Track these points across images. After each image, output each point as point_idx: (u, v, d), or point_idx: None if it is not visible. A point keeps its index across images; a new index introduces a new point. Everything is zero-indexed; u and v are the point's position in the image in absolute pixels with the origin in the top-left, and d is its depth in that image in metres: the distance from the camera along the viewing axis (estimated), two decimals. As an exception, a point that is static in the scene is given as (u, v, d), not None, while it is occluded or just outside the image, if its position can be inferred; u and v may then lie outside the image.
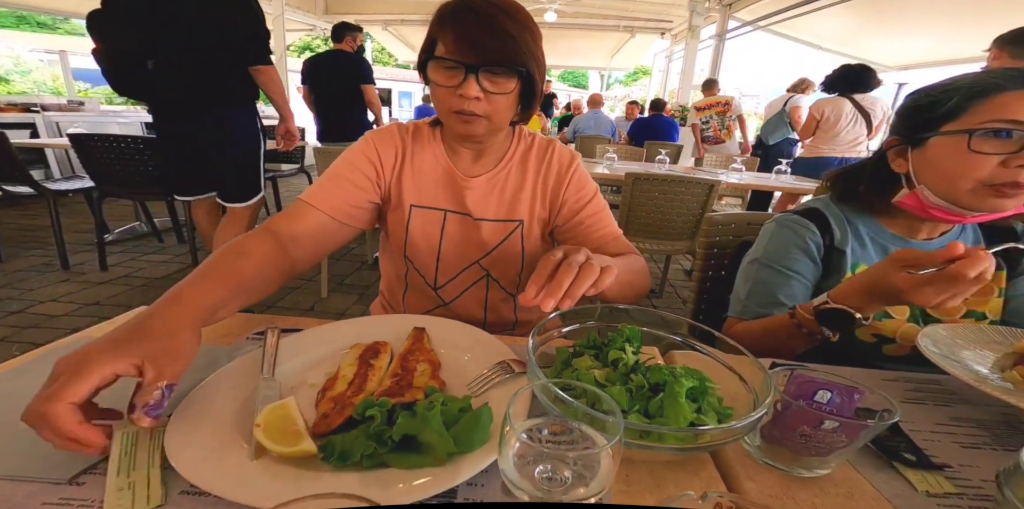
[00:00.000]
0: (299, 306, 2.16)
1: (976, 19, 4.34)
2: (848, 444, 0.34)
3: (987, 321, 0.62)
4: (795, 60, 9.04)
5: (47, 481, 0.31)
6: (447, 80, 0.60)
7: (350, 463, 0.33)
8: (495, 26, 0.58)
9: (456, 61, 0.58)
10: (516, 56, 0.59)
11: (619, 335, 0.45)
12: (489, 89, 0.60)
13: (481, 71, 0.58)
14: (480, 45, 0.58)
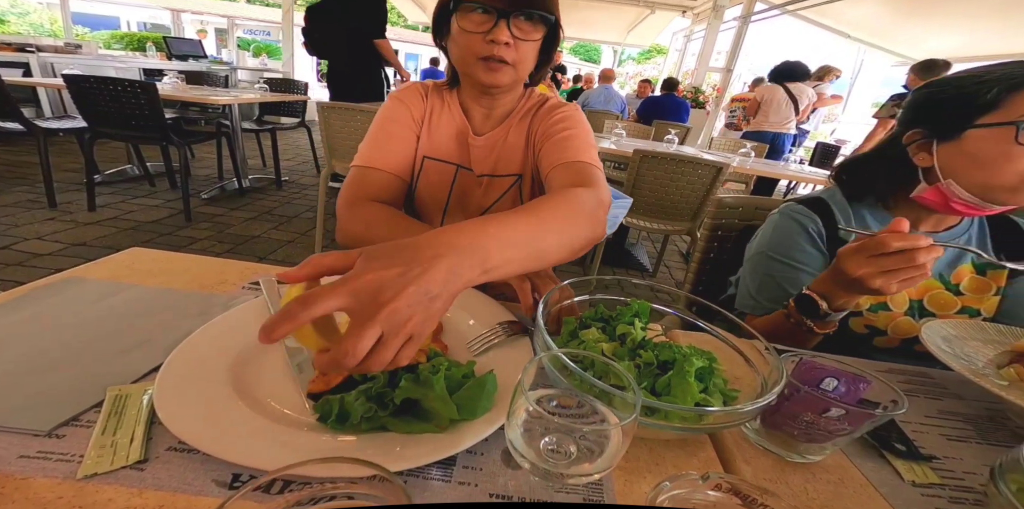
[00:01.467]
0: (292, 260, 2.13)
1: (1011, 16, 4.16)
2: (850, 432, 0.34)
3: (981, 318, 0.62)
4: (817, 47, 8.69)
5: (25, 432, 0.29)
6: (477, 26, 0.59)
7: (348, 425, 0.32)
8: None
9: (490, 6, 0.58)
10: (546, 3, 0.60)
11: (628, 309, 0.44)
12: (518, 35, 0.60)
13: (512, 16, 0.58)
14: None
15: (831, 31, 6.30)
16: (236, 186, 3.00)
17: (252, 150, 3.90)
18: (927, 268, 0.45)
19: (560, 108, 0.71)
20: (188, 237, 2.23)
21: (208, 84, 3.60)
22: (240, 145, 2.96)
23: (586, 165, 0.61)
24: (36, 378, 0.34)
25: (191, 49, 6.00)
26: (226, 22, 12.02)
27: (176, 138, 2.38)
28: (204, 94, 2.72)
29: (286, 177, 3.46)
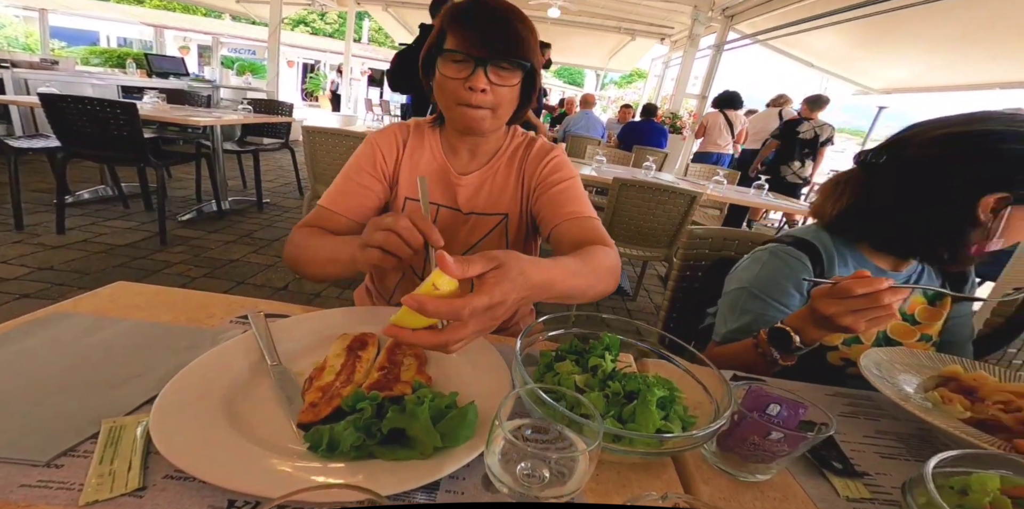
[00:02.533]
0: (272, 284, 2.12)
1: (959, 50, 4.58)
2: (789, 453, 0.39)
3: (932, 343, 0.68)
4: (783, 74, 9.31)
5: (23, 462, 0.31)
6: (456, 73, 0.64)
7: (337, 453, 0.35)
8: (504, 24, 0.64)
9: (467, 54, 0.62)
10: (522, 52, 0.64)
11: (599, 343, 0.48)
12: (496, 82, 0.64)
13: (489, 64, 0.62)
14: (490, 40, 0.62)
15: (797, 60, 6.78)
16: (215, 208, 2.98)
17: (232, 170, 3.89)
18: (892, 308, 0.49)
19: (550, 154, 0.76)
20: (163, 261, 2.20)
21: (190, 103, 3.62)
22: (221, 166, 2.96)
23: (593, 221, 0.70)
24: (31, 410, 0.36)
25: (173, 66, 6.02)
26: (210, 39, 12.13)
27: (155, 160, 2.37)
28: (185, 114, 2.73)
29: (268, 199, 3.46)
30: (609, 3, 6.63)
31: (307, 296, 2.04)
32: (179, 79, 5.81)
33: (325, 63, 14.97)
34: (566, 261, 0.50)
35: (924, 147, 0.62)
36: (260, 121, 3.06)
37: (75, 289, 1.84)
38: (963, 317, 0.73)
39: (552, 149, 0.78)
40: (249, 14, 8.67)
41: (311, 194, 2.14)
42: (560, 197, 0.73)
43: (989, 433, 0.44)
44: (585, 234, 0.67)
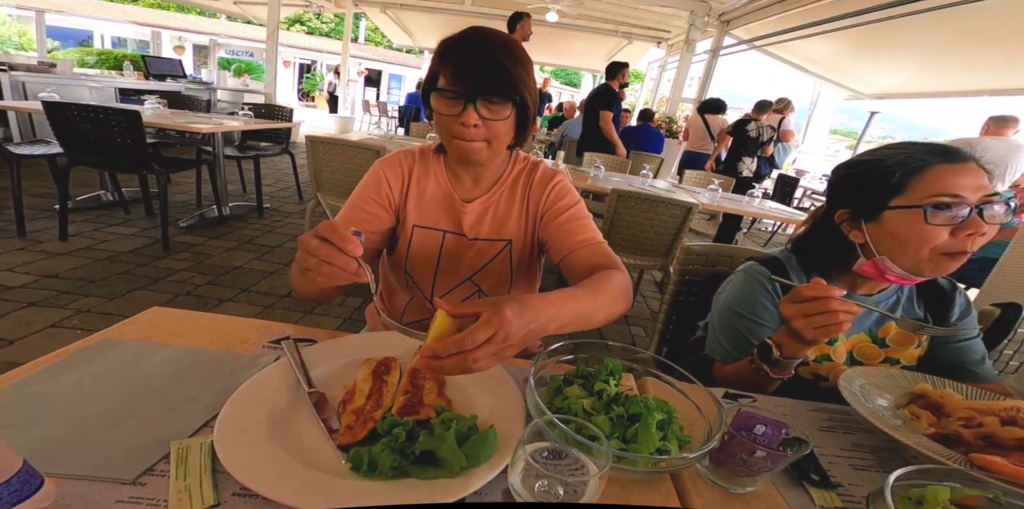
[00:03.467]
0: (275, 292, 2.16)
1: (947, 59, 4.73)
2: (772, 468, 0.44)
3: (900, 366, 0.74)
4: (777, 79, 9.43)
5: (113, 480, 0.36)
6: (449, 109, 0.67)
7: (377, 473, 0.40)
8: (491, 59, 0.65)
9: (456, 92, 0.65)
10: (510, 86, 0.66)
11: (604, 368, 0.54)
12: (487, 116, 0.66)
13: (479, 100, 0.65)
14: (477, 77, 0.64)
15: (791, 65, 6.89)
16: (216, 214, 3.02)
17: (231, 174, 3.92)
18: (839, 317, 0.54)
19: (553, 179, 0.80)
20: (166, 268, 2.23)
21: (189, 108, 3.64)
22: (222, 172, 2.99)
23: (603, 245, 0.74)
24: (105, 434, 0.41)
25: (170, 68, 6.02)
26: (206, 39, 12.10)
27: (158, 168, 2.41)
28: (187, 121, 2.74)
29: (268, 204, 3.49)
30: (607, 7, 6.71)
31: (309, 304, 2.08)
32: (176, 81, 5.81)
33: (322, 63, 14.98)
34: (569, 290, 0.54)
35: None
36: (261, 127, 3.09)
37: (81, 297, 1.87)
38: (966, 343, 0.76)
39: (555, 175, 0.82)
40: (246, 14, 8.67)
41: (314, 203, 2.18)
42: (569, 226, 0.77)
43: (951, 447, 0.50)
44: (597, 259, 0.72)
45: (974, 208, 0.60)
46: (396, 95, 16.63)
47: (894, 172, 0.65)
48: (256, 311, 1.95)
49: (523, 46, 0.70)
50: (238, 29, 12.82)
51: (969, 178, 0.62)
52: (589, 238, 0.75)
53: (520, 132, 0.74)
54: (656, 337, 1.18)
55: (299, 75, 15.34)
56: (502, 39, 0.67)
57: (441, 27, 9.02)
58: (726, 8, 5.69)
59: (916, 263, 0.64)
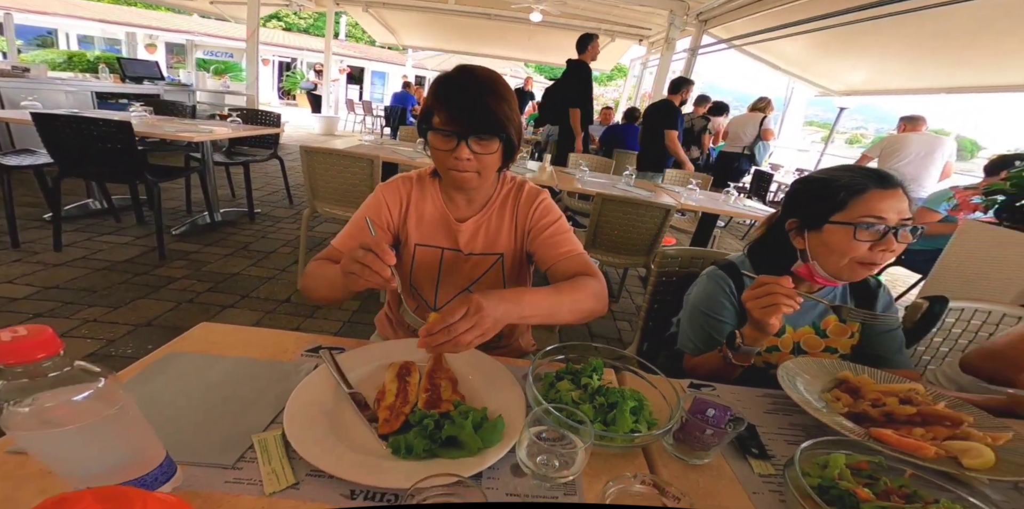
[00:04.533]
0: (275, 297, 2.24)
1: (908, 58, 5.03)
2: (719, 443, 0.57)
3: (838, 354, 0.88)
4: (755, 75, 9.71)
5: (216, 466, 0.47)
6: (444, 145, 0.76)
7: (413, 455, 0.51)
8: (480, 103, 0.74)
9: (450, 131, 0.74)
10: (497, 125, 0.75)
11: (588, 365, 0.66)
12: (477, 151, 0.76)
13: (470, 138, 0.75)
14: (468, 118, 0.74)
15: (767, 63, 7.11)
16: (208, 220, 3.06)
17: (220, 179, 3.92)
18: (779, 299, 0.67)
19: (537, 198, 0.91)
20: (165, 277, 2.29)
21: (174, 114, 3.63)
22: (212, 179, 3.03)
23: (582, 256, 0.85)
24: (196, 429, 0.51)
25: (146, 71, 5.92)
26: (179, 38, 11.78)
27: (151, 177, 2.44)
28: (177, 129, 2.74)
29: (258, 209, 3.53)
30: (589, 5, 6.80)
31: (309, 308, 2.17)
32: (154, 84, 5.72)
33: (302, 61, 14.73)
34: (538, 288, 0.70)
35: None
36: (252, 133, 3.11)
37: (85, 307, 1.93)
38: (891, 331, 0.91)
39: (539, 194, 0.93)
40: (223, 14, 8.49)
41: (310, 210, 2.26)
42: (553, 240, 0.88)
43: (860, 423, 0.63)
44: (576, 268, 0.83)
45: (891, 229, 0.74)
46: (379, 92, 16.47)
47: (839, 192, 0.78)
48: (259, 317, 2.03)
49: (506, 82, 0.80)
50: (213, 27, 12.48)
51: (895, 202, 0.75)
52: (570, 250, 0.86)
53: (507, 159, 0.84)
54: (638, 333, 1.31)
55: (279, 73, 15.06)
56: (489, 81, 0.76)
57: (425, 25, 8.96)
58: (703, 8, 5.83)
59: (837, 269, 0.78)
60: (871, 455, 0.53)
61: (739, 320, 0.90)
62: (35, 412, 0.32)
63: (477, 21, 7.69)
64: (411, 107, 7.61)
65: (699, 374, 0.84)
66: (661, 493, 0.48)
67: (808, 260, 0.82)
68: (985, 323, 1.07)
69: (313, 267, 0.81)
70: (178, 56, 13.26)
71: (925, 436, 0.58)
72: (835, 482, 0.50)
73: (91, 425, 0.34)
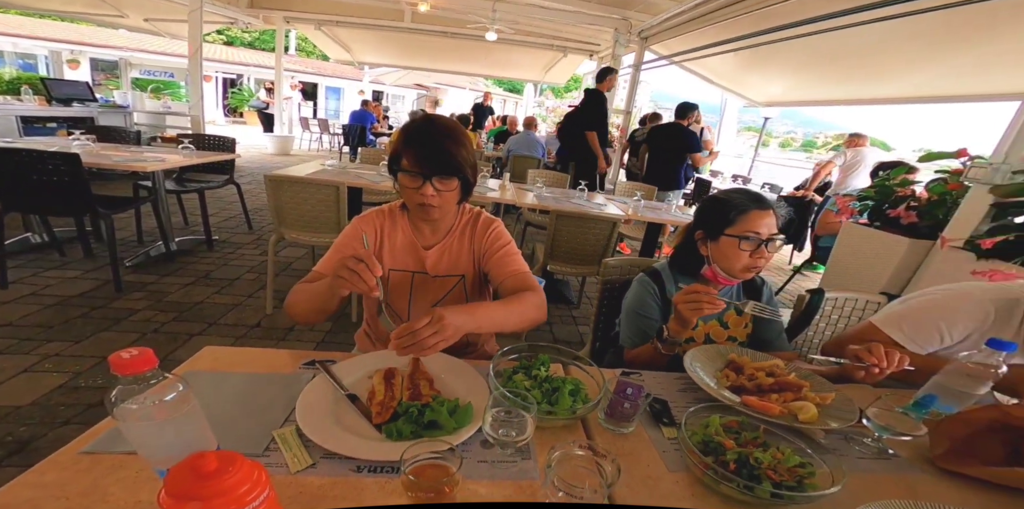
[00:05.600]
0: (244, 322, 2.29)
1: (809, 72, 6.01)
2: (634, 414, 0.76)
3: (738, 342, 1.12)
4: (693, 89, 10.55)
5: (251, 455, 0.61)
6: (411, 183, 0.93)
7: (403, 437, 0.68)
8: (442, 148, 0.90)
9: (416, 172, 0.91)
10: (456, 167, 0.93)
11: (538, 360, 0.85)
12: (440, 189, 0.93)
13: (434, 178, 0.91)
14: (432, 162, 0.91)
15: (702, 78, 7.81)
16: (163, 250, 3.04)
17: (171, 206, 3.87)
18: (702, 303, 0.88)
19: (491, 226, 1.09)
20: (126, 309, 2.29)
21: (118, 141, 3.57)
22: (165, 208, 3.02)
23: (526, 275, 1.02)
24: (227, 430, 0.65)
25: (76, 91, 5.61)
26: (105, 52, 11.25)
27: (103, 210, 2.44)
28: (125, 158, 2.70)
29: (216, 236, 3.52)
30: (541, 23, 7.21)
31: (281, 331, 2.25)
32: (85, 106, 5.45)
33: (249, 77, 14.41)
34: (493, 302, 0.89)
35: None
36: (207, 160, 3.12)
37: (44, 343, 1.93)
38: (772, 321, 1.15)
39: (492, 222, 1.11)
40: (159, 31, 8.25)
41: (276, 237, 2.34)
42: (503, 260, 1.06)
43: (740, 394, 0.85)
44: (520, 285, 1.01)
45: (764, 242, 0.99)
46: (333, 106, 16.31)
47: (731, 211, 1.03)
48: (229, 342, 2.09)
49: (464, 129, 0.99)
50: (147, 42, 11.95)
51: (768, 220, 1.01)
52: (516, 269, 1.04)
53: (465, 194, 1.02)
54: (591, 334, 1.52)
55: (223, 90, 14.63)
56: (449, 129, 0.93)
57: (381, 42, 9.06)
58: (644, 26, 6.35)
59: (731, 272, 1.03)
60: (737, 415, 0.75)
61: (664, 316, 1.12)
62: (141, 408, 0.47)
63: (435, 38, 7.92)
64: (370, 125, 7.64)
65: (638, 364, 1.05)
66: (594, 453, 0.67)
67: (711, 264, 1.06)
68: (855, 309, 1.35)
69: (298, 286, 0.96)
70: (107, 73, 12.60)
71: (778, 400, 0.80)
72: (712, 437, 0.71)
73: (176, 418, 0.49)
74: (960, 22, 3.37)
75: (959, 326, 0.98)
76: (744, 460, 0.63)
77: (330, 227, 2.30)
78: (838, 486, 0.58)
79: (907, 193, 2.13)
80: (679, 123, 4.27)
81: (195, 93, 5.90)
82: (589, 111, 4.32)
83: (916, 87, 4.87)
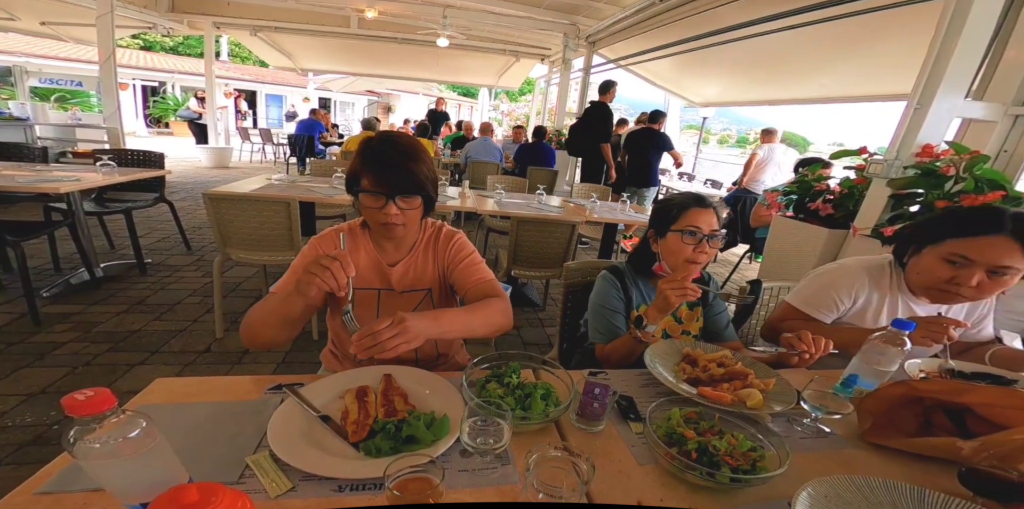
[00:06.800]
0: (192, 348, 2.18)
1: (737, 75, 6.66)
2: (603, 413, 0.82)
3: (692, 335, 1.22)
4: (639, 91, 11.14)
5: (226, 482, 0.61)
6: (373, 203, 0.94)
7: (383, 453, 0.70)
8: (402, 168, 0.92)
9: (379, 191, 0.92)
10: (419, 185, 0.94)
11: (509, 368, 0.89)
12: (403, 207, 0.94)
13: (397, 197, 0.93)
14: (394, 182, 0.92)
15: (646, 80, 8.27)
16: (87, 277, 2.82)
17: (93, 229, 3.59)
18: (687, 290, 0.96)
19: (453, 239, 1.12)
20: (48, 343, 2.12)
21: (20, 159, 3.25)
22: (86, 231, 2.80)
23: (491, 282, 1.05)
24: (196, 460, 0.64)
25: (-43, 104, 5.09)
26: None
27: (11, 238, 2.24)
28: (33, 180, 2.44)
29: (149, 259, 3.30)
30: (493, 28, 7.34)
31: (235, 355, 2.15)
32: (-29, 119, 4.94)
33: (173, 84, 13.55)
34: (457, 308, 0.92)
35: None
36: (131, 179, 2.89)
37: (-49, 392, 1.74)
38: (719, 314, 1.27)
39: (454, 235, 1.14)
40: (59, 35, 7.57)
41: (221, 258, 2.24)
42: (467, 270, 1.09)
43: (696, 385, 0.93)
44: (484, 292, 1.04)
45: (704, 237, 1.09)
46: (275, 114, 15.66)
47: (673, 209, 1.14)
48: (177, 370, 1.99)
49: (424, 147, 1.02)
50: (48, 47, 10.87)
51: (707, 217, 1.11)
52: (480, 278, 1.07)
53: (427, 210, 1.03)
54: (557, 336, 1.58)
55: (143, 99, 13.67)
56: (410, 147, 0.96)
57: (326, 49, 8.82)
58: (591, 31, 6.63)
59: (676, 266, 1.13)
60: (695, 406, 0.82)
61: (627, 309, 1.20)
62: (105, 446, 0.47)
63: (384, 44, 7.83)
64: (319, 134, 7.40)
65: (613, 359, 1.12)
66: (570, 454, 0.72)
67: (660, 261, 1.16)
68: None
69: (254, 307, 0.94)
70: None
71: (729, 389, 0.89)
72: (675, 428, 0.77)
73: (143, 453, 0.49)
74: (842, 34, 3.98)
75: (843, 292, 1.20)
76: (704, 448, 0.70)
77: (282, 245, 2.24)
78: (784, 467, 0.66)
79: (823, 187, 2.37)
80: (652, 127, 4.72)
81: (110, 103, 5.40)
82: (598, 123, 4.74)
83: (824, 88, 5.56)
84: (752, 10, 4.04)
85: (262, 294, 2.91)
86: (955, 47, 1.71)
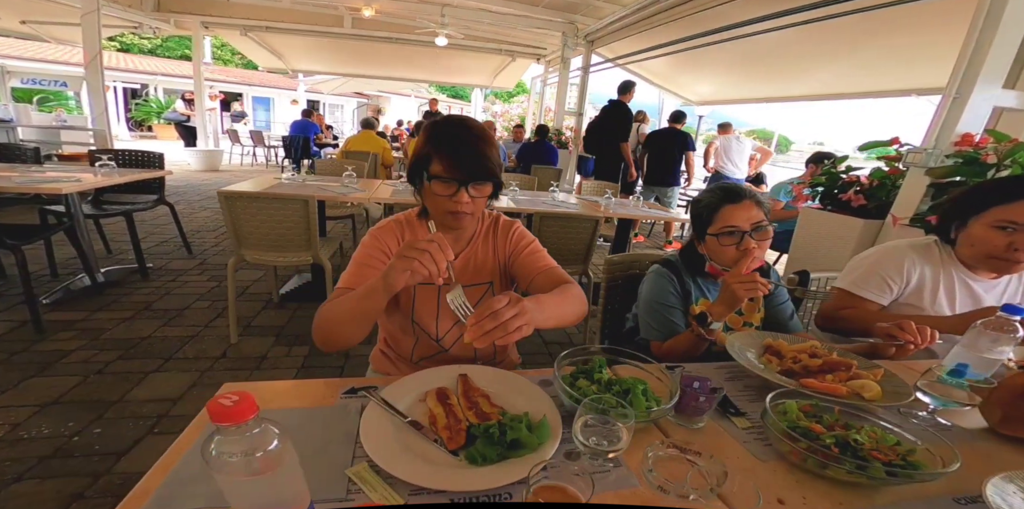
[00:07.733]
0: (207, 354, 2.09)
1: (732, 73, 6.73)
2: (710, 408, 0.77)
3: (754, 327, 1.17)
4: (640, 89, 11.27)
5: (335, 500, 0.55)
6: (444, 190, 0.88)
7: (487, 461, 0.64)
8: (477, 152, 0.87)
9: (452, 178, 0.87)
10: (491, 172, 0.89)
11: (596, 364, 0.84)
12: (475, 195, 0.89)
13: (470, 184, 0.87)
14: (468, 167, 0.86)
15: (643, 79, 8.30)
16: (87, 282, 2.70)
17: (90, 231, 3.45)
18: (758, 284, 0.93)
19: (511, 227, 1.07)
20: (54, 351, 2.01)
21: (12, 160, 3.14)
22: (85, 236, 2.69)
23: (558, 269, 1.01)
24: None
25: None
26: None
27: (11, 242, 2.13)
28: (30, 180, 2.34)
29: (151, 263, 3.18)
30: (490, 27, 7.28)
31: (253, 360, 2.07)
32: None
33: (155, 87, 13.24)
34: (548, 295, 0.84)
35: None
36: (132, 179, 2.80)
37: (-45, 406, 1.63)
38: (782, 304, 1.23)
39: (512, 224, 1.09)
40: (40, 35, 7.33)
41: (236, 259, 2.15)
42: (530, 258, 1.04)
43: (790, 377, 0.89)
44: (555, 280, 0.97)
45: (746, 233, 1.04)
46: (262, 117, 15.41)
47: (704, 211, 1.10)
48: (195, 377, 1.89)
49: (491, 131, 0.96)
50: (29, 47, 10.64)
51: (744, 212, 1.06)
52: (546, 265, 1.02)
53: (493, 198, 0.97)
54: (599, 333, 1.52)
55: (124, 101, 13.34)
56: (482, 131, 0.89)
57: (318, 49, 8.67)
58: (590, 30, 6.62)
59: (724, 264, 1.09)
60: (811, 399, 0.78)
61: (684, 304, 1.15)
62: (243, 461, 0.40)
63: (378, 44, 7.72)
64: (314, 136, 7.27)
65: (673, 356, 1.07)
66: (683, 452, 0.67)
67: (710, 262, 1.13)
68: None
69: (325, 305, 0.86)
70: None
71: (833, 380, 0.84)
72: (796, 422, 0.72)
73: (278, 471, 0.43)
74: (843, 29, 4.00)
75: (892, 271, 1.19)
76: (843, 443, 0.65)
77: (299, 246, 2.16)
78: (957, 463, 0.60)
79: (853, 179, 2.36)
80: (674, 127, 4.78)
81: (97, 104, 5.26)
82: (615, 121, 4.77)
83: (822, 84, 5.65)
84: (754, 8, 4.06)
85: (272, 298, 2.85)
86: (993, 37, 1.71)
